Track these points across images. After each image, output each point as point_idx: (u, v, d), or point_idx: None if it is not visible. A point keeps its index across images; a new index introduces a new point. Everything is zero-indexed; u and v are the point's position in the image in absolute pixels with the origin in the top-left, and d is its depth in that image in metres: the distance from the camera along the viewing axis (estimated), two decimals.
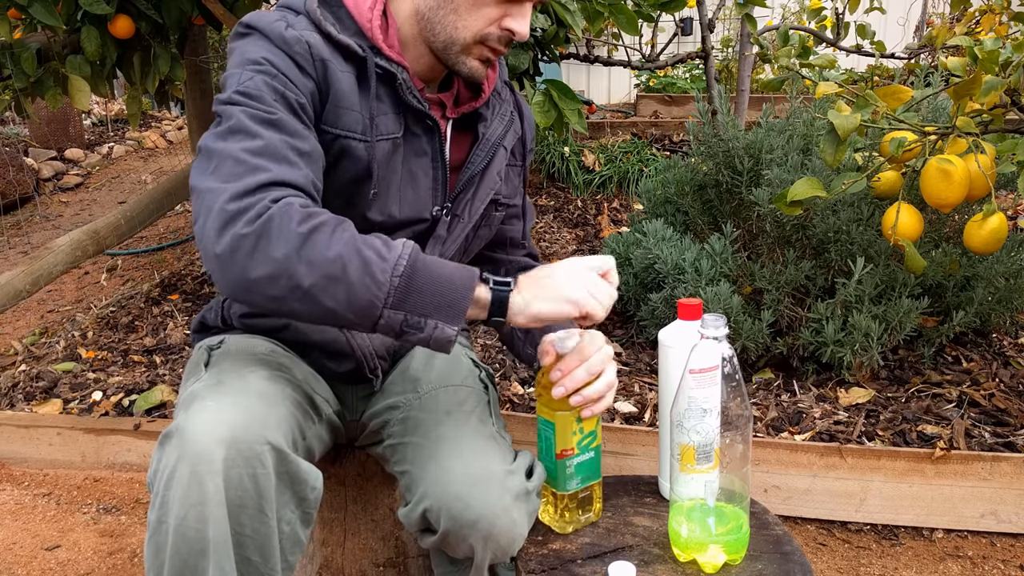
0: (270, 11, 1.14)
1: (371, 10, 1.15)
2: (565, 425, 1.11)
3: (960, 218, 2.15)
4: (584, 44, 3.20)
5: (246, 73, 1.06)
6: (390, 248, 0.97)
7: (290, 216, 0.94)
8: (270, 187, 0.97)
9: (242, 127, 1.01)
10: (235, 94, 1.05)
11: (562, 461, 1.12)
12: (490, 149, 1.25)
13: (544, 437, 1.13)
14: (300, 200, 0.97)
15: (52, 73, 2.60)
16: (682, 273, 2.17)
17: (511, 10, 1.13)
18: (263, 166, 0.98)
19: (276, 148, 1.01)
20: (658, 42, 4.60)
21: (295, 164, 1.02)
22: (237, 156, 0.98)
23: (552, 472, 1.13)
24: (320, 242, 0.93)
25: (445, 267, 1.00)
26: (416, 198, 1.21)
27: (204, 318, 1.35)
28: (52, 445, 2.18)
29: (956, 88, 1.48)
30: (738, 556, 1.06)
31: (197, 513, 0.93)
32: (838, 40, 3.30)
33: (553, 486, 1.14)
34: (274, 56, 1.08)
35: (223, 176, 0.97)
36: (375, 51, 1.14)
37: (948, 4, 4.03)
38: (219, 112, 1.06)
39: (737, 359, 1.03)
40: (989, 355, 2.21)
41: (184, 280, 3.33)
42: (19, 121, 5.87)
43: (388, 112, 1.16)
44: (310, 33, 1.10)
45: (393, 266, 0.95)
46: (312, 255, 0.93)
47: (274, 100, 1.05)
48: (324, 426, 1.21)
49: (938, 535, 1.76)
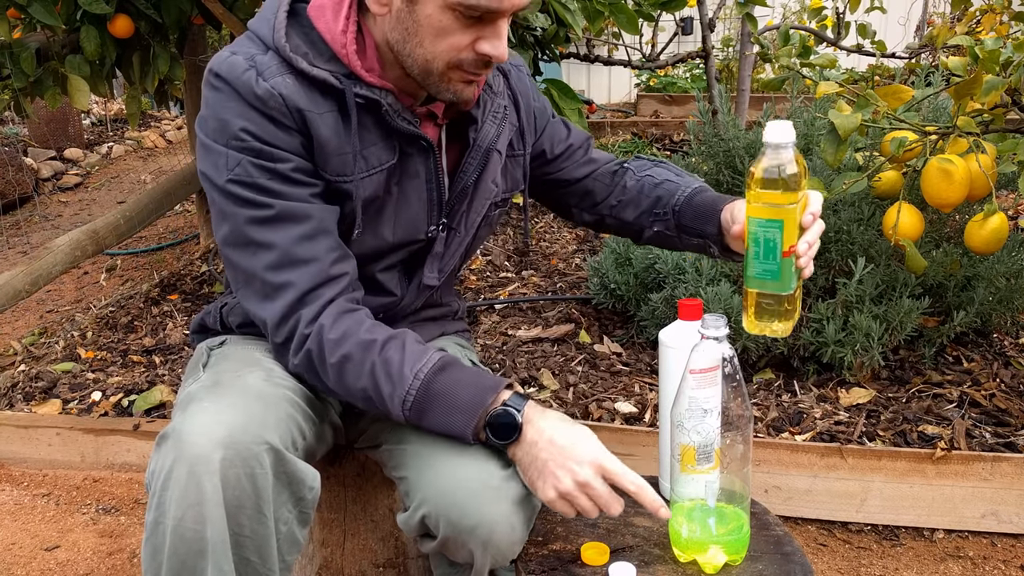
0: (236, 54, 1.07)
1: (344, 33, 1.07)
2: (792, 220, 1.03)
3: (961, 218, 2.15)
4: (584, 43, 3.20)
5: (232, 154, 1.05)
6: (401, 380, 1.05)
7: (323, 347, 1.07)
8: (300, 304, 1.08)
9: (251, 239, 1.08)
10: (229, 184, 1.06)
11: (788, 259, 1.04)
12: (482, 156, 1.20)
13: (764, 239, 1.04)
14: (329, 312, 1.07)
15: (51, 73, 2.59)
16: (682, 273, 2.17)
17: (482, 32, 1.04)
18: (287, 283, 1.08)
19: (290, 253, 1.07)
20: (658, 41, 4.60)
21: (311, 260, 1.08)
22: (261, 276, 1.09)
23: (774, 274, 1.04)
24: (349, 374, 1.07)
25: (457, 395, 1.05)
26: (409, 221, 1.19)
27: (203, 320, 1.34)
28: (51, 445, 2.18)
29: (957, 88, 1.48)
30: (739, 557, 1.06)
31: (195, 514, 0.93)
32: (839, 40, 3.30)
33: (774, 288, 1.05)
34: (251, 123, 1.05)
35: (258, 295, 1.10)
36: (354, 79, 1.08)
37: (949, 3, 4.03)
38: (214, 200, 1.08)
39: (738, 359, 1.03)
40: (990, 355, 2.21)
41: (183, 280, 3.32)
42: (18, 121, 5.86)
43: (377, 141, 1.12)
44: (282, 79, 1.05)
45: (402, 402, 1.05)
46: (346, 387, 1.08)
47: (268, 182, 1.06)
48: (324, 427, 1.20)
49: (939, 535, 1.76)
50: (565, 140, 1.38)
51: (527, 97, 1.31)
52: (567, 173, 1.39)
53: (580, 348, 2.37)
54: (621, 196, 1.38)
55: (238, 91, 1.05)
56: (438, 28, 1.02)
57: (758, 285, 1.07)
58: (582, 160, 1.39)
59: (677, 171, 1.38)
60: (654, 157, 1.44)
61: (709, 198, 1.28)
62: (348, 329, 1.07)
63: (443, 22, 1.02)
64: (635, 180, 1.37)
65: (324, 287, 1.09)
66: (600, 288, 2.50)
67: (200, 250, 3.67)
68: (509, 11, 1.02)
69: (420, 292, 1.28)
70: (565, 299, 2.70)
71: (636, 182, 1.37)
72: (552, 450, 1.02)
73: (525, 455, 1.04)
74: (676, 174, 1.37)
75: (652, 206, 1.34)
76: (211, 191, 1.09)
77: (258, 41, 1.09)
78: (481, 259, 3.14)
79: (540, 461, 1.02)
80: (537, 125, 1.34)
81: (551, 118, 1.38)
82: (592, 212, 1.41)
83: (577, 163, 1.39)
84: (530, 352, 2.36)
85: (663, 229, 1.33)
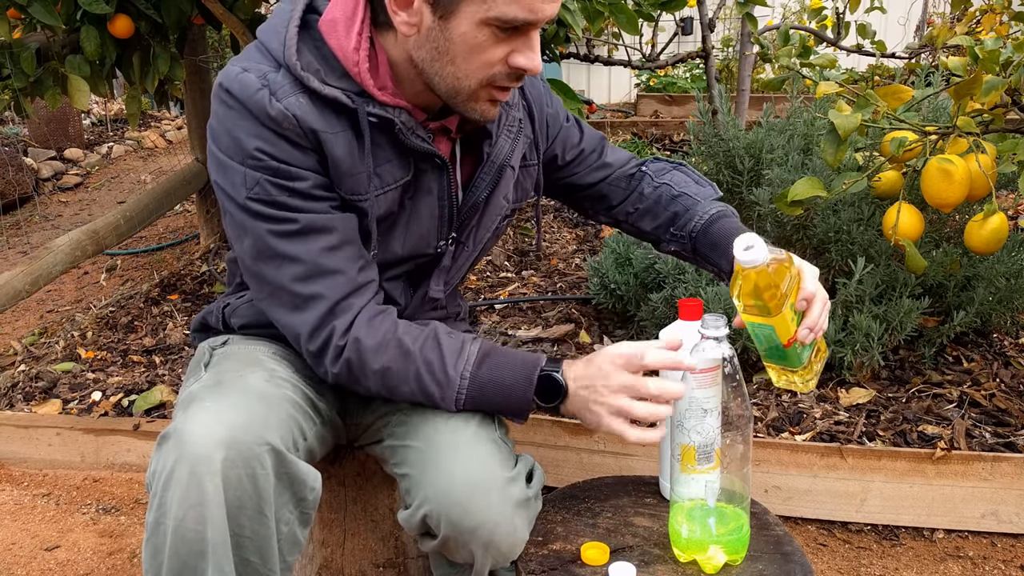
0: (248, 71, 1.05)
1: (356, 51, 1.05)
2: (784, 320, 1.08)
3: (961, 218, 2.15)
4: (584, 43, 3.20)
5: (250, 173, 1.05)
6: (448, 383, 1.09)
7: (363, 356, 1.09)
8: (332, 316, 1.09)
9: (276, 252, 1.08)
10: (249, 201, 1.05)
11: (791, 348, 1.10)
12: (495, 173, 1.19)
13: (761, 337, 1.10)
14: (361, 320, 1.09)
15: (51, 73, 2.59)
16: (682, 273, 2.17)
17: (516, 44, 1.01)
18: (316, 294, 1.08)
19: (317, 264, 1.08)
20: (658, 41, 4.60)
21: (338, 271, 1.09)
22: (289, 288, 1.09)
23: (781, 358, 1.11)
24: (393, 379, 1.10)
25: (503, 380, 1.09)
26: (419, 235, 1.19)
27: (205, 319, 1.34)
28: (51, 445, 2.18)
29: (957, 88, 1.48)
30: (739, 556, 1.06)
31: (196, 514, 0.93)
32: (839, 40, 3.30)
33: (789, 365, 1.12)
34: (267, 144, 1.04)
35: (286, 306, 1.11)
36: (366, 98, 1.06)
37: (949, 3, 4.03)
38: (230, 213, 1.08)
39: (738, 359, 1.03)
40: (990, 355, 2.21)
41: (183, 280, 3.32)
42: (18, 121, 5.86)
43: (392, 159, 1.11)
44: (295, 99, 1.03)
45: (454, 402, 1.10)
46: (390, 391, 1.11)
47: (289, 199, 1.06)
48: (325, 427, 1.20)
49: (939, 535, 1.76)
50: (577, 145, 1.37)
51: (541, 104, 1.29)
52: (579, 178, 1.38)
53: (580, 348, 2.37)
54: (638, 204, 1.37)
55: (251, 111, 1.03)
56: (472, 45, 1.00)
57: (770, 361, 1.13)
58: (595, 164, 1.38)
59: (696, 178, 1.38)
60: (672, 159, 1.43)
61: (725, 230, 1.26)
62: (385, 336, 1.09)
63: (478, 38, 0.99)
64: (652, 188, 1.36)
65: (353, 296, 1.10)
66: (600, 288, 2.50)
67: (200, 250, 3.67)
68: (543, 21, 1.00)
69: (424, 303, 1.28)
70: (565, 299, 2.70)
71: (653, 190, 1.36)
72: (587, 388, 1.06)
73: (573, 406, 1.08)
74: (696, 182, 1.36)
75: (669, 223, 1.34)
76: (228, 204, 1.09)
77: (269, 56, 1.07)
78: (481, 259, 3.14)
79: (583, 401, 1.07)
80: (550, 133, 1.33)
81: (564, 122, 1.36)
82: (608, 215, 1.41)
83: (590, 168, 1.38)
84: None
85: (680, 250, 1.34)
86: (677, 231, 1.33)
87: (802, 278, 1.09)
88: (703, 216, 1.30)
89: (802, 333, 1.08)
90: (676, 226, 1.33)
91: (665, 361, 1.05)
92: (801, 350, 1.10)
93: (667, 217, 1.34)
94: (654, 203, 1.36)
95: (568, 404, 1.09)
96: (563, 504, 1.23)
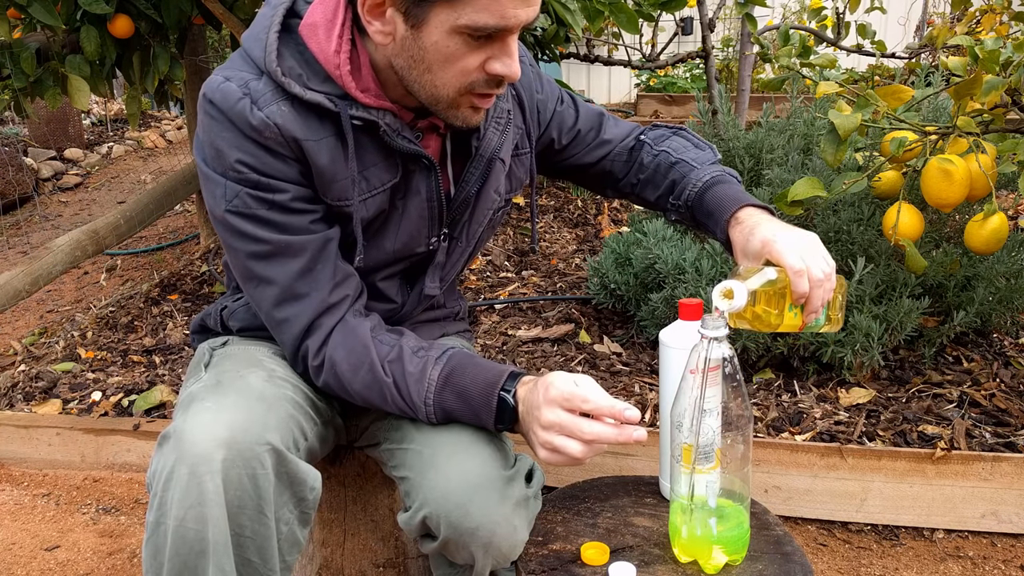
0: (230, 80, 1.04)
1: (337, 53, 1.03)
2: (789, 322, 1.09)
3: (961, 218, 2.15)
4: (584, 43, 3.20)
5: (230, 185, 1.06)
6: (415, 408, 1.10)
7: (340, 379, 1.12)
8: (305, 336, 1.13)
9: (253, 274, 1.11)
10: (228, 215, 1.07)
11: (806, 326, 1.12)
12: (484, 166, 1.18)
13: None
14: (334, 340, 1.11)
15: (51, 73, 2.59)
16: (683, 273, 2.17)
17: (491, 51, 0.99)
18: (288, 318, 1.12)
19: (289, 289, 1.10)
20: (658, 41, 4.60)
21: (309, 294, 1.11)
22: (267, 311, 1.13)
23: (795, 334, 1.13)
24: (373, 398, 1.12)
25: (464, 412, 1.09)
26: (409, 234, 1.18)
27: (204, 321, 1.34)
28: (51, 445, 2.18)
29: (957, 88, 1.48)
30: (739, 556, 1.06)
31: (196, 514, 0.93)
32: (839, 40, 3.30)
33: (810, 331, 1.15)
34: (248, 155, 1.03)
35: (270, 325, 1.15)
36: (349, 101, 1.05)
37: (949, 3, 4.03)
38: (216, 226, 1.10)
39: (738, 359, 1.03)
40: (990, 355, 2.21)
41: (183, 280, 3.32)
42: (18, 121, 5.86)
43: (379, 161, 1.10)
44: (277, 107, 1.02)
45: (427, 420, 1.11)
46: (376, 407, 1.14)
47: (267, 212, 1.06)
48: (326, 427, 1.20)
49: (939, 535, 1.76)
50: (573, 127, 1.34)
51: (531, 91, 1.27)
52: (579, 159, 1.36)
53: (580, 348, 2.37)
54: (640, 174, 1.35)
55: (233, 121, 1.03)
56: (446, 54, 0.99)
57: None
58: (594, 143, 1.36)
59: (696, 141, 1.35)
60: (672, 124, 1.40)
61: (718, 197, 1.24)
62: (359, 359, 1.11)
63: (451, 47, 0.98)
64: (651, 156, 1.34)
65: (324, 316, 1.12)
66: (600, 288, 2.50)
67: (200, 250, 3.67)
68: (517, 27, 0.98)
69: (421, 300, 1.27)
70: (565, 299, 2.70)
71: (652, 158, 1.34)
72: (527, 414, 1.05)
73: (521, 429, 1.08)
74: (695, 146, 1.34)
75: (668, 191, 1.32)
76: (212, 218, 1.11)
77: (251, 63, 1.06)
78: (481, 259, 3.14)
79: (526, 426, 1.06)
80: (542, 119, 1.31)
81: (558, 105, 1.33)
82: (615, 190, 1.39)
83: (589, 147, 1.36)
84: (530, 352, 2.36)
85: (681, 219, 1.32)
86: (675, 200, 1.30)
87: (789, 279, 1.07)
88: (697, 183, 1.27)
89: (808, 319, 1.09)
90: (674, 195, 1.30)
91: (607, 410, 1.01)
92: (815, 322, 1.12)
93: (667, 186, 1.32)
94: (653, 172, 1.33)
95: (519, 426, 1.08)
96: (563, 504, 1.23)
